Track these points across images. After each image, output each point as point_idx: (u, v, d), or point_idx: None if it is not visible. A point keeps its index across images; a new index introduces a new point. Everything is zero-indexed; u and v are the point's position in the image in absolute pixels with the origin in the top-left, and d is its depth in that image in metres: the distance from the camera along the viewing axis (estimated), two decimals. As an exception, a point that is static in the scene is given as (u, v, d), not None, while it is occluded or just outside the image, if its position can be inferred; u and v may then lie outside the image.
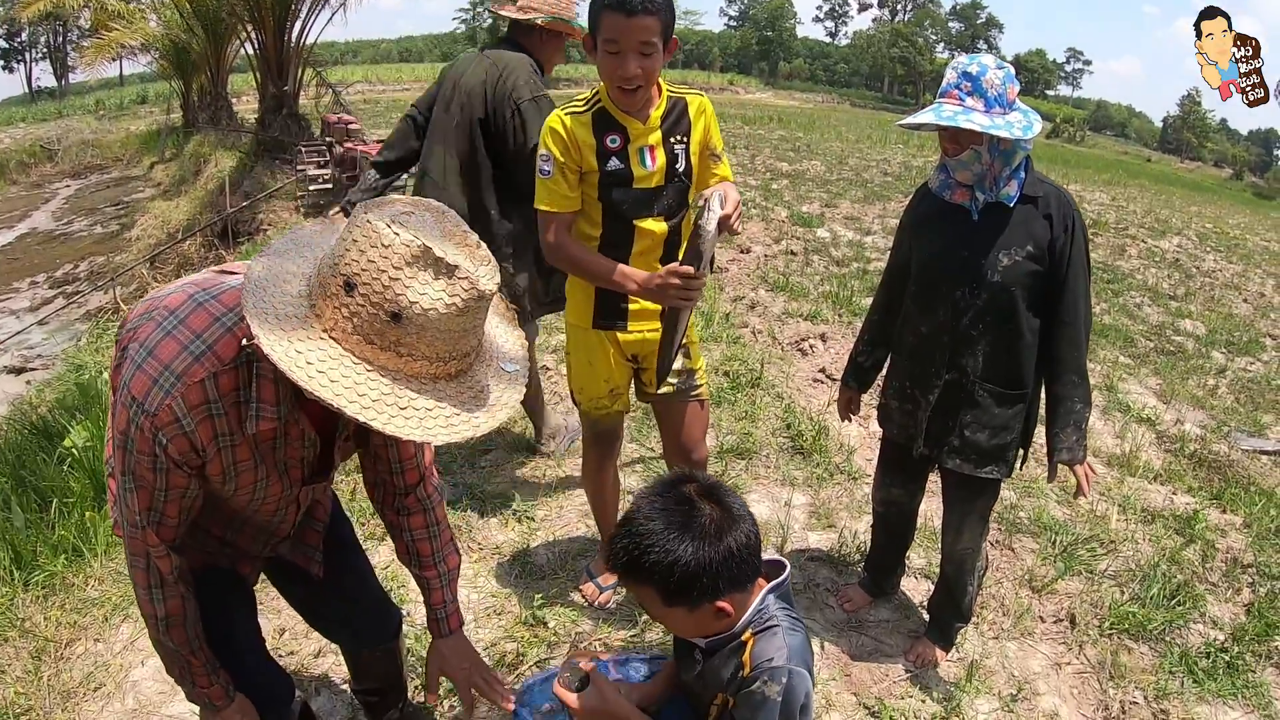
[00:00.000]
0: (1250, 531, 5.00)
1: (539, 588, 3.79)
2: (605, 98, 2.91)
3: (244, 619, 2.29)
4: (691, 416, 3.33)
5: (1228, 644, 3.91)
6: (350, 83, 41.42)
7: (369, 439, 2.15)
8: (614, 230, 3.00)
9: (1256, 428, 6.96)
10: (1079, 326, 2.90)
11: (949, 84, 2.78)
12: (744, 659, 1.93)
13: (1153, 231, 17.90)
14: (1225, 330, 10.15)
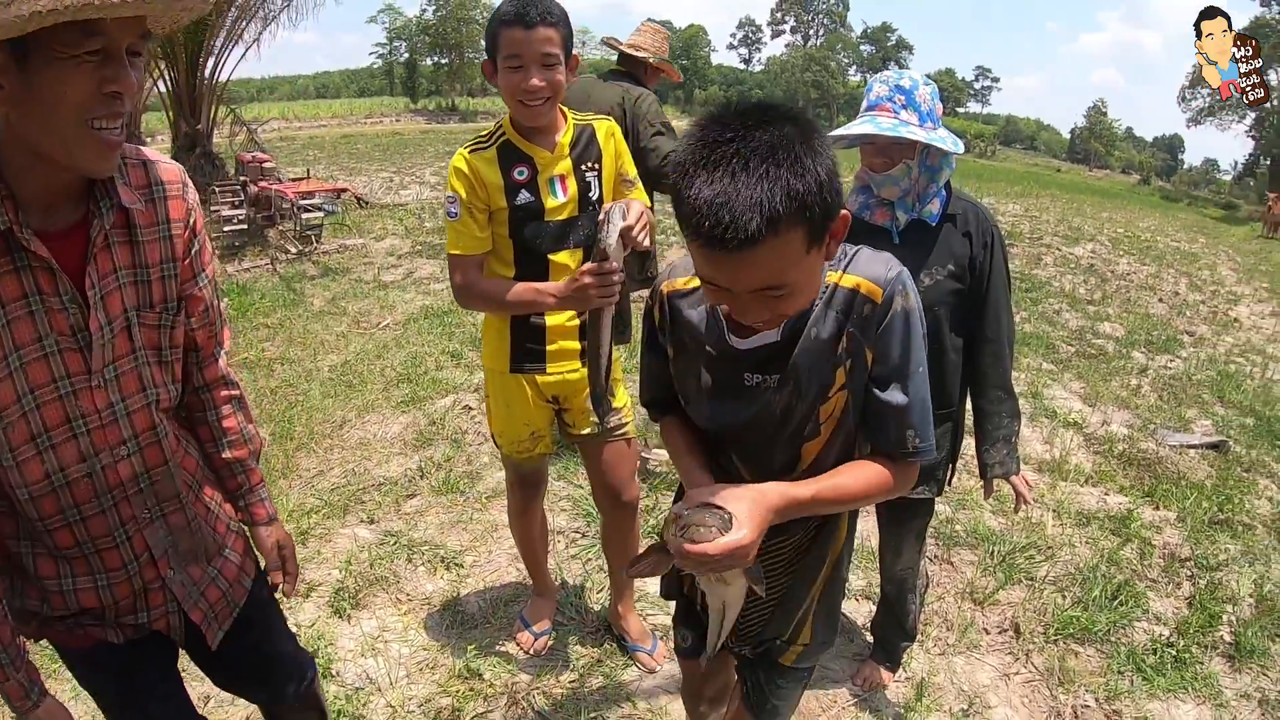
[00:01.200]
0: (1185, 525, 5.14)
1: (471, 638, 3.70)
2: (509, 129, 2.86)
3: (164, 708, 2.08)
4: (617, 456, 3.26)
5: (1173, 639, 4.00)
6: (264, 120, 40.93)
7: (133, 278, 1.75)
8: (528, 267, 2.91)
9: (1181, 423, 7.17)
10: (1002, 341, 2.90)
11: (881, 97, 2.73)
12: (850, 300, 1.68)
13: (1066, 239, 18.42)
14: (1144, 330, 10.47)
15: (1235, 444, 6.76)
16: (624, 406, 3.25)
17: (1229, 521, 5.27)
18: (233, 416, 2.10)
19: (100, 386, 1.69)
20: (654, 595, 4.00)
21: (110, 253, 1.68)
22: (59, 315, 1.61)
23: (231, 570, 2.08)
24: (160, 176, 1.78)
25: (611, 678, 3.50)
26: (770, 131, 1.41)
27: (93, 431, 1.70)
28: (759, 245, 1.39)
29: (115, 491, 1.77)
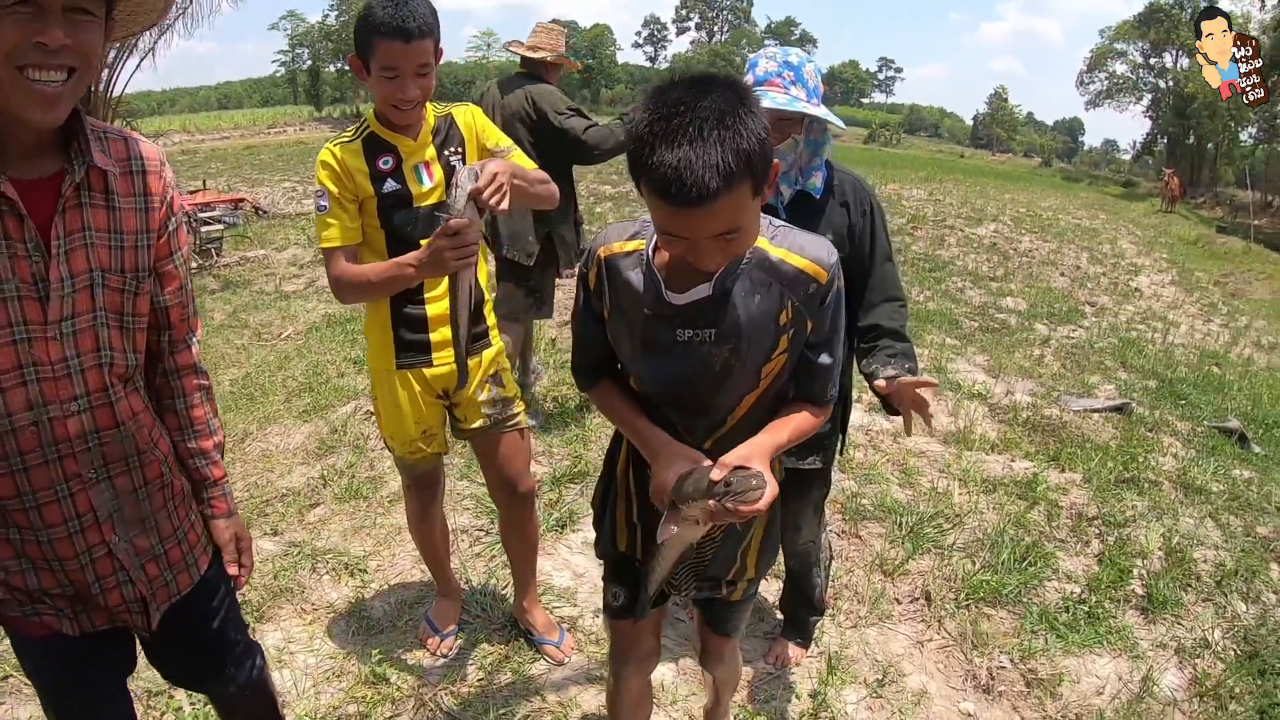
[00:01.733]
0: (1091, 485, 5.25)
1: (378, 643, 3.61)
2: (373, 122, 2.89)
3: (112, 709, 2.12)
4: (511, 448, 3.24)
5: (1085, 595, 4.06)
6: (165, 133, 39.80)
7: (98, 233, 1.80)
8: (400, 254, 2.84)
9: (1084, 389, 7.34)
10: (894, 298, 2.89)
11: (769, 72, 2.71)
12: (798, 279, 1.90)
13: (970, 220, 18.82)
14: (1045, 303, 10.73)
15: (1138, 406, 6.95)
16: (514, 396, 3.22)
17: (1135, 479, 5.39)
18: (201, 406, 2.13)
19: (55, 339, 1.72)
20: (560, 588, 3.98)
21: (82, 213, 1.74)
22: (21, 261, 1.66)
23: (176, 554, 2.05)
24: (140, 152, 1.86)
25: (520, 673, 3.43)
26: (714, 99, 1.62)
27: (43, 382, 1.72)
28: (719, 199, 1.60)
29: (61, 445, 1.78)
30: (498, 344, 3.19)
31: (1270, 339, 11.11)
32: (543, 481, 4.95)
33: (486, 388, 3.13)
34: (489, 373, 3.13)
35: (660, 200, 1.64)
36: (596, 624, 3.73)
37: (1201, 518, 5.00)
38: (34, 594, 1.86)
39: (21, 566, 1.83)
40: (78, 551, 1.84)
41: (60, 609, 1.89)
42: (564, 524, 4.54)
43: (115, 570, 1.91)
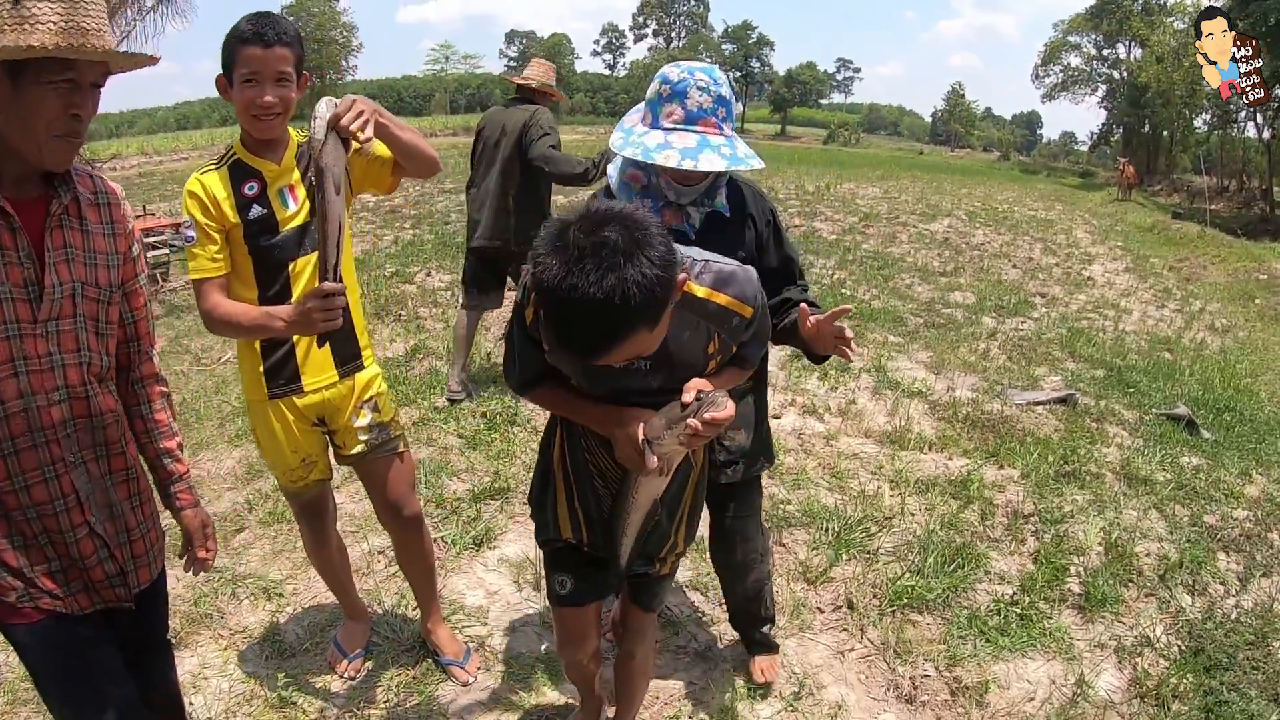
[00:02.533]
0: (1029, 481, 5.16)
1: (288, 667, 3.58)
2: (239, 148, 2.93)
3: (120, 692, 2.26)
4: (393, 472, 3.24)
5: (1018, 596, 3.96)
6: (123, 156, 39.24)
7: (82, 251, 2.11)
8: (268, 280, 2.93)
9: (1030, 381, 7.29)
10: (796, 280, 2.91)
11: (702, 109, 2.54)
12: (722, 315, 2.09)
13: (924, 217, 18.86)
14: (995, 296, 10.71)
15: (1084, 396, 6.89)
16: (391, 420, 3.24)
17: (1076, 473, 5.32)
18: (163, 411, 2.43)
19: (42, 336, 2.00)
20: (471, 606, 3.92)
21: (64, 232, 2.05)
22: (15, 269, 1.94)
23: (141, 548, 2.28)
24: (105, 187, 2.21)
25: (426, 694, 3.37)
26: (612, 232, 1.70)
27: (31, 374, 1.99)
28: (614, 348, 1.76)
29: (47, 431, 2.04)
30: (373, 369, 3.19)
31: (1223, 321, 11.11)
32: (462, 498, 4.89)
33: (363, 413, 3.13)
34: (364, 398, 3.13)
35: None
36: (506, 643, 3.68)
37: (1145, 509, 4.94)
38: (27, 576, 2.07)
39: (14, 545, 2.05)
40: (63, 529, 2.09)
41: (53, 591, 2.10)
42: (481, 541, 4.44)
43: (97, 549, 2.16)
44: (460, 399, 6.32)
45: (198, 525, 2.48)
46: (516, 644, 3.68)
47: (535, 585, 4.03)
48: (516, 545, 4.36)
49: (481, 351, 7.28)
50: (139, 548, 2.27)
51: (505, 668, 3.52)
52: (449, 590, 3.99)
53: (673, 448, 2.03)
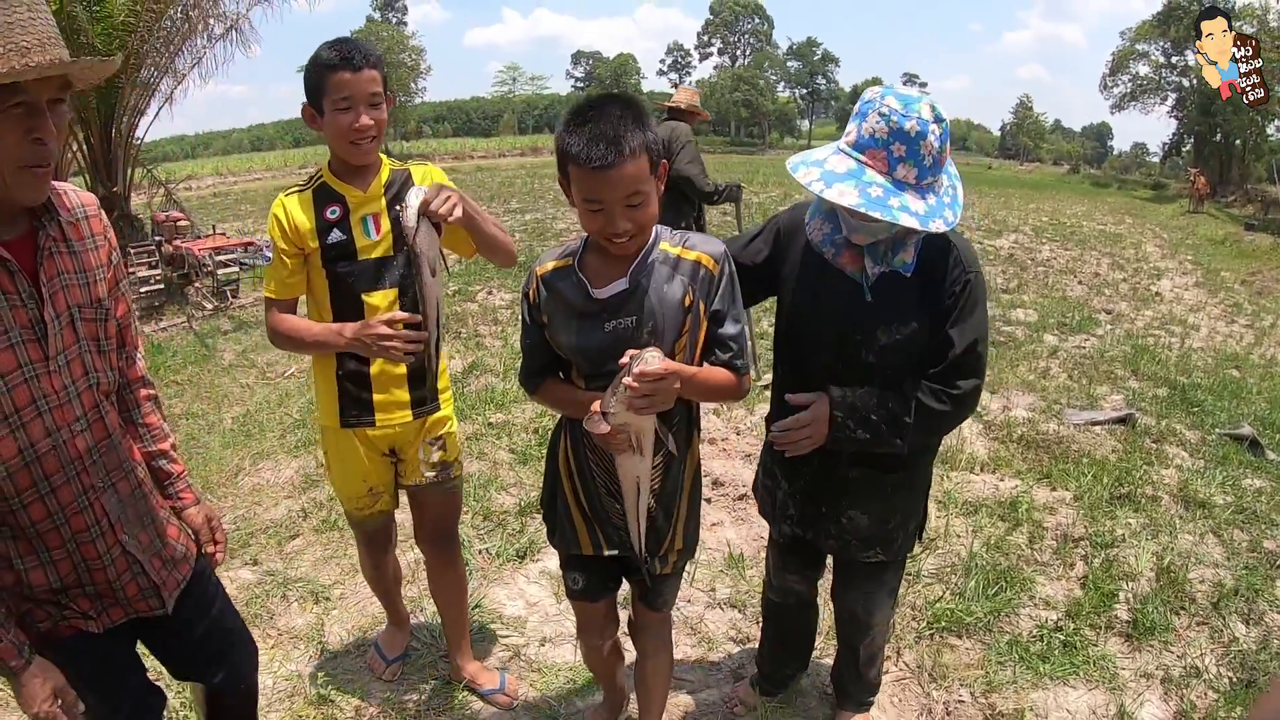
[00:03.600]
0: (1081, 504, 5.06)
1: (330, 667, 3.74)
2: (327, 172, 2.96)
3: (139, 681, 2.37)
4: (444, 507, 3.33)
5: (1062, 622, 3.88)
6: (198, 176, 40.40)
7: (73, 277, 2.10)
8: (343, 308, 2.94)
9: (1090, 401, 7.13)
10: (951, 379, 2.49)
11: (874, 138, 2.25)
12: (694, 269, 2.34)
13: (989, 233, 18.65)
14: (1058, 313, 10.52)
15: (1144, 416, 6.72)
16: (455, 460, 3.28)
17: (1131, 495, 5.19)
18: (154, 414, 2.45)
19: (56, 371, 2.01)
20: (510, 616, 4.02)
21: (54, 260, 2.03)
22: (20, 311, 1.93)
23: (173, 549, 2.33)
24: (80, 200, 2.17)
25: (459, 699, 3.50)
26: (614, 105, 2.17)
27: (53, 410, 2.01)
28: (624, 163, 2.11)
29: (75, 463, 2.06)
30: (447, 410, 3.20)
31: (1296, 337, 10.76)
32: (509, 511, 5.00)
33: (430, 449, 3.16)
34: (434, 435, 3.15)
35: (581, 170, 2.14)
36: (541, 653, 3.76)
37: (1202, 534, 4.80)
38: (60, 602, 2.12)
39: (50, 584, 2.09)
40: (100, 553, 2.13)
41: (85, 611, 2.15)
42: (524, 554, 4.55)
43: (130, 565, 2.20)
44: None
45: (202, 521, 2.50)
46: (551, 654, 3.75)
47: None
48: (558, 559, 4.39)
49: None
50: (170, 547, 2.33)
51: (539, 675, 3.60)
52: (490, 600, 4.07)
53: (625, 414, 2.19)
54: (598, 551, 2.61)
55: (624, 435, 2.26)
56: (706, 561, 4.40)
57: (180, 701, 3.36)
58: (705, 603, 4.08)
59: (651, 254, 2.33)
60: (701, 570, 4.30)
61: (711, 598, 4.10)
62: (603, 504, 2.53)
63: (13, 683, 2.03)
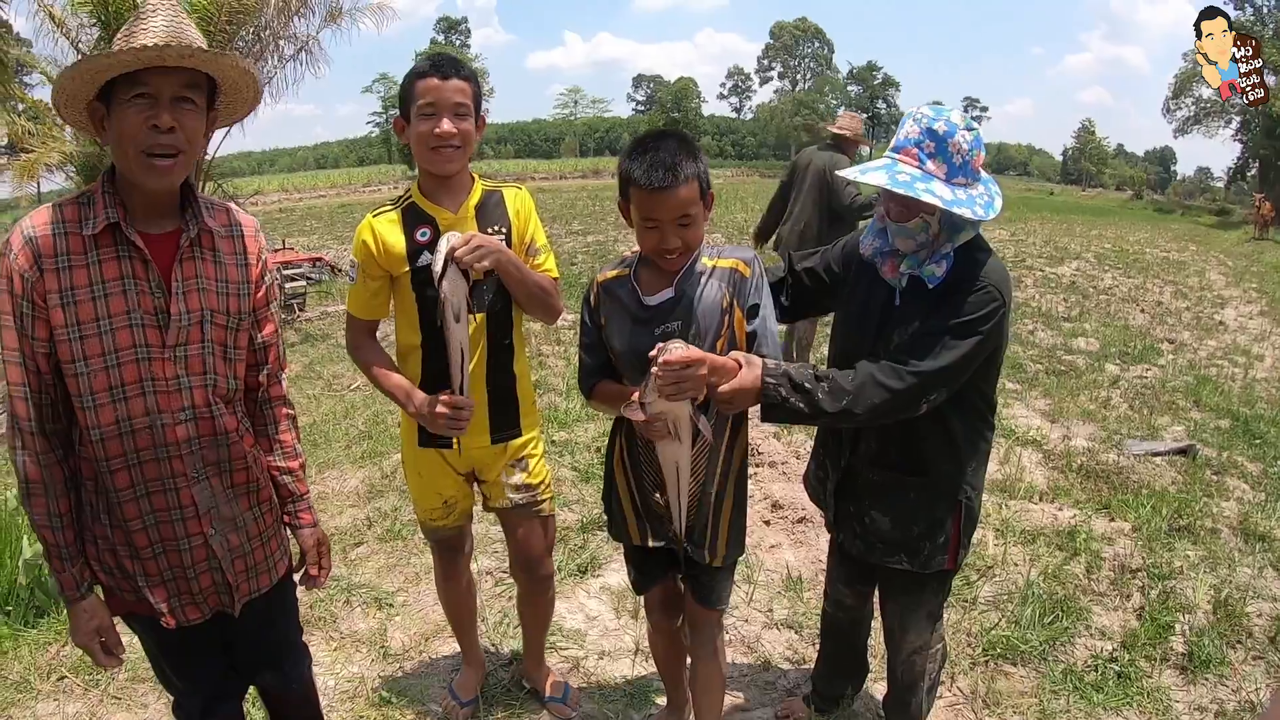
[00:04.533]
0: (1139, 535, 5.03)
1: (390, 671, 3.85)
2: (416, 193, 2.95)
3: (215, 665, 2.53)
4: (533, 533, 3.26)
5: (1118, 653, 3.87)
6: (264, 192, 41.37)
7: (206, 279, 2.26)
8: (435, 335, 2.87)
9: (1151, 431, 7.07)
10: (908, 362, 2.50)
11: (908, 138, 2.48)
12: (729, 275, 2.60)
13: (1051, 260, 18.45)
14: (1120, 342, 10.42)
15: (1206, 447, 6.65)
16: (541, 483, 3.22)
17: (1190, 527, 5.15)
18: (289, 432, 2.59)
19: (170, 360, 2.18)
20: (570, 629, 4.10)
21: (195, 263, 2.22)
22: (146, 297, 2.14)
23: (260, 555, 2.45)
24: (239, 219, 2.39)
25: (518, 704, 3.59)
26: (670, 140, 2.47)
27: (159, 394, 2.17)
28: (678, 186, 2.41)
29: (170, 447, 2.20)
30: (529, 435, 3.16)
31: (1364, 369, 10.55)
32: (571, 527, 5.09)
33: (512, 472, 3.13)
34: (515, 458, 3.13)
35: (640, 191, 2.44)
36: (599, 666, 3.85)
37: (1261, 567, 4.75)
38: (139, 585, 2.26)
39: (130, 555, 2.24)
40: (178, 536, 2.26)
41: (159, 600, 2.28)
42: (585, 569, 4.64)
43: (208, 557, 2.31)
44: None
45: (313, 544, 2.63)
46: (609, 668, 3.83)
47: (634, 614, 4.15)
48: (620, 575, 4.49)
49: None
50: (259, 555, 2.44)
51: (597, 688, 3.68)
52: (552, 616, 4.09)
53: (659, 402, 2.36)
54: (644, 542, 2.83)
55: (661, 422, 2.43)
56: (765, 583, 4.46)
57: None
58: (763, 623, 4.14)
59: (694, 266, 2.60)
60: (759, 591, 4.37)
61: (769, 618, 4.16)
62: (651, 498, 2.75)
63: (68, 610, 2.27)
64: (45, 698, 3.70)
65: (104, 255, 2.09)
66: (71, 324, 2.07)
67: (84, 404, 2.11)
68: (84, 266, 2.08)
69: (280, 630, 2.66)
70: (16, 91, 18.11)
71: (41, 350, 2.08)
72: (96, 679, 3.75)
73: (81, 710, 3.61)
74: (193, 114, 2.10)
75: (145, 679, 3.72)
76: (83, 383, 2.09)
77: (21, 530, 5.00)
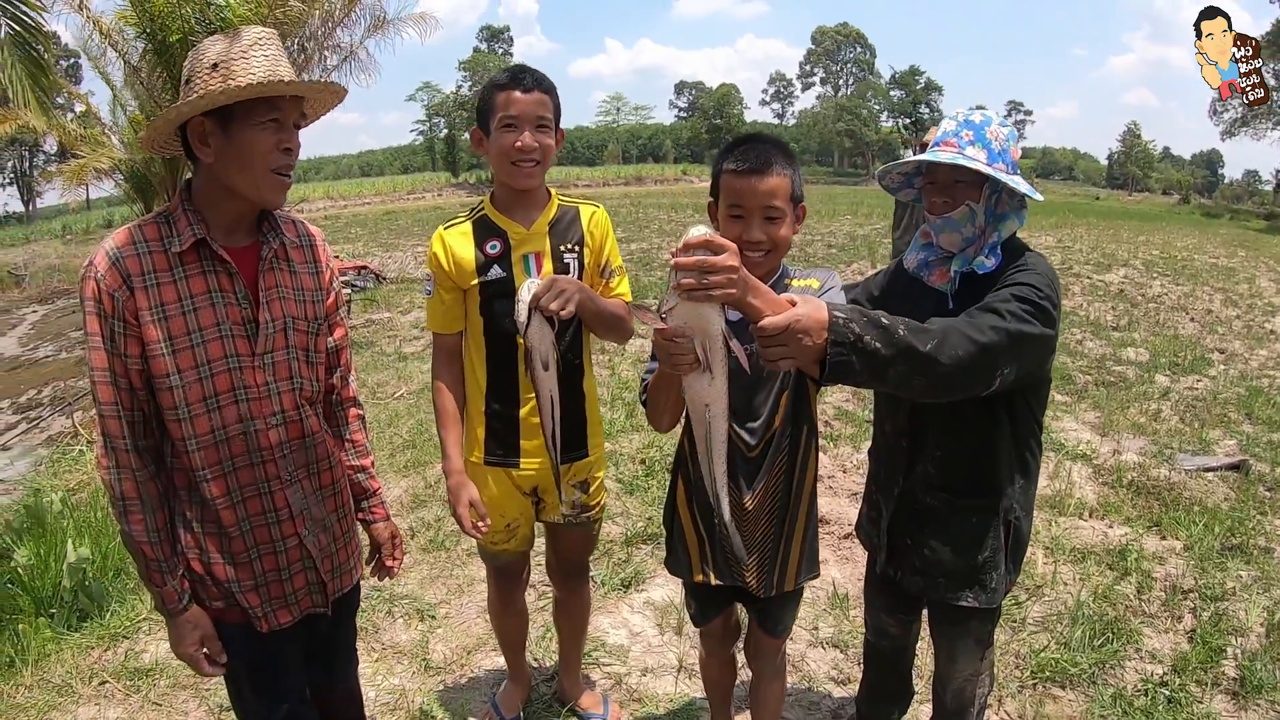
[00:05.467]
0: (1191, 554, 4.93)
1: (431, 683, 3.86)
2: (488, 205, 2.91)
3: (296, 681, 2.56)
4: (579, 542, 3.28)
5: (1168, 677, 3.79)
6: (292, 203, 42.09)
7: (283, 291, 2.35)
8: (496, 350, 2.89)
9: (1202, 445, 6.95)
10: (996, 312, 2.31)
11: (947, 131, 2.52)
12: (807, 292, 2.30)
13: (1098, 267, 18.18)
14: (1170, 352, 10.24)
15: (1259, 462, 6.52)
16: (597, 505, 3.20)
17: (1243, 546, 5.04)
18: (360, 431, 2.70)
19: (259, 368, 2.27)
20: (613, 645, 4.07)
21: (274, 273, 2.32)
22: (233, 309, 2.23)
23: (344, 556, 2.55)
24: (308, 231, 2.51)
25: None
26: (766, 140, 2.46)
27: (251, 401, 2.26)
28: (770, 172, 2.37)
29: (264, 452, 2.29)
30: (594, 456, 3.11)
31: None
32: (615, 541, 5.07)
33: (571, 490, 3.08)
34: (578, 479, 3.08)
35: (730, 177, 2.41)
36: (642, 683, 3.82)
37: (1317, 589, 4.64)
38: (232, 592, 2.31)
39: (225, 561, 2.29)
40: (274, 539, 2.34)
41: (251, 605, 2.34)
42: (629, 584, 4.63)
43: (302, 557, 2.41)
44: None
45: (387, 537, 2.75)
46: (652, 685, 3.80)
47: (677, 630, 4.14)
48: (664, 590, 4.49)
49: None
50: (342, 556, 2.53)
51: (639, 705, 3.66)
52: (593, 628, 4.07)
53: (682, 307, 1.96)
54: (706, 580, 2.69)
55: (686, 341, 2.00)
56: (809, 600, 4.41)
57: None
58: (807, 641, 4.11)
59: (778, 287, 2.43)
60: (804, 608, 4.31)
61: (814, 636, 4.13)
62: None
63: (168, 623, 2.30)
64: (86, 702, 3.77)
65: (190, 271, 2.18)
66: (165, 339, 2.14)
67: (179, 415, 2.18)
68: (171, 283, 2.15)
69: (346, 630, 2.76)
70: (72, 90, 18.48)
71: (135, 367, 2.14)
72: (137, 685, 3.83)
73: (122, 715, 3.68)
74: (298, 140, 2.26)
75: (187, 685, 3.78)
76: (178, 395, 2.17)
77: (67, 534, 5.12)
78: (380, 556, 2.75)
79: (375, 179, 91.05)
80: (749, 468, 2.56)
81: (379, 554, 2.76)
